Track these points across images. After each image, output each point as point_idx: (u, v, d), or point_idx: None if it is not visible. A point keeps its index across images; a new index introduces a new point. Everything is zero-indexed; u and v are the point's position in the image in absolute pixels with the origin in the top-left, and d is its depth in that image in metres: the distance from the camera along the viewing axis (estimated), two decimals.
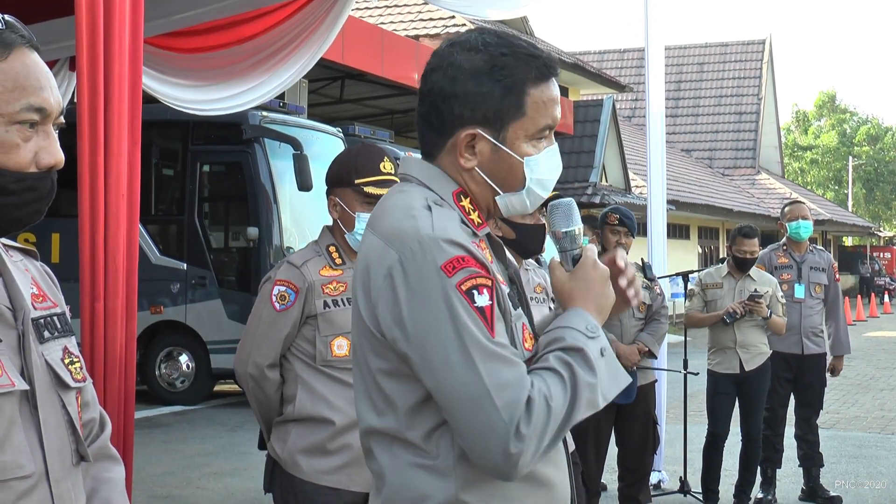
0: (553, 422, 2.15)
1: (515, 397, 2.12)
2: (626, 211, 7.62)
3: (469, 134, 2.33)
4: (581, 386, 2.18)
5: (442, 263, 2.18)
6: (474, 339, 2.15)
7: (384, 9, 26.27)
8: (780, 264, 8.97)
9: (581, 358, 2.21)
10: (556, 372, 2.19)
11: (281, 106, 14.71)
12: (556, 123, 2.39)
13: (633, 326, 7.48)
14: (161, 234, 14.76)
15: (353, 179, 4.16)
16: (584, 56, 47.69)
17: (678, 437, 8.96)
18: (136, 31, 4.37)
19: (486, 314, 2.17)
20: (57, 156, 2.08)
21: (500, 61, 2.33)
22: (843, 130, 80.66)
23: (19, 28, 2.08)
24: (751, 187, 47.94)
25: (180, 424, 13.00)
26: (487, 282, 2.20)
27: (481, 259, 2.22)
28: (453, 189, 2.36)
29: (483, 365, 2.14)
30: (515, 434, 2.11)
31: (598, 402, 2.22)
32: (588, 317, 2.29)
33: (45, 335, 2.13)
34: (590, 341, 2.24)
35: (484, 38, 2.36)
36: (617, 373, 2.28)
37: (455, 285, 2.17)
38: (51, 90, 2.08)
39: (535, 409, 2.12)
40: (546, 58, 2.38)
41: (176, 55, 7.71)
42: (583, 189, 27.30)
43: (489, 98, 2.32)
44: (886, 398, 16.04)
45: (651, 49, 8.43)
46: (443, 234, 2.21)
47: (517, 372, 2.15)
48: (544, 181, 2.38)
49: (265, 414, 4.27)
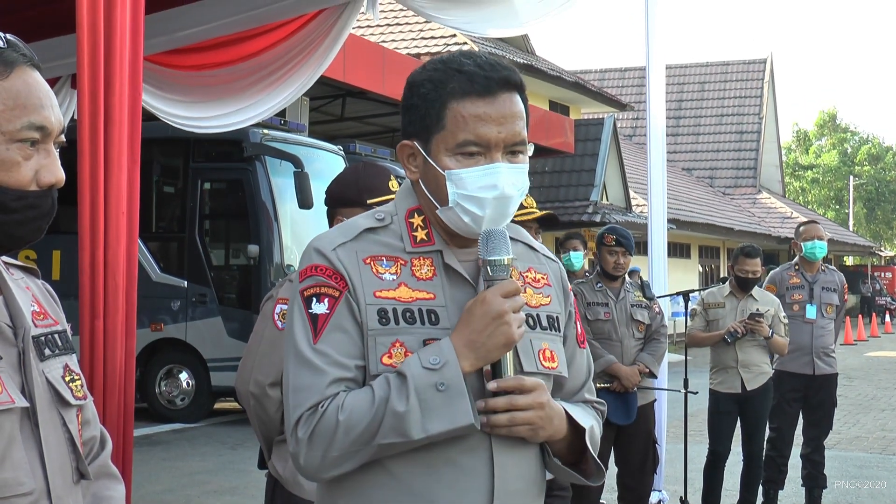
0: (344, 434, 2.22)
1: (301, 401, 2.27)
2: (623, 230, 7.59)
3: (404, 145, 2.45)
4: (388, 410, 2.21)
5: (301, 269, 2.38)
6: (295, 343, 2.32)
7: (385, 27, 26.31)
8: (791, 285, 8.94)
9: (399, 384, 2.22)
10: (371, 389, 2.25)
11: (282, 123, 14.73)
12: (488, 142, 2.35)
13: (633, 347, 7.48)
14: (162, 252, 14.77)
15: (364, 199, 4.14)
16: (586, 74, 47.76)
17: (678, 457, 8.93)
18: (136, 49, 4.37)
19: (318, 321, 2.31)
20: (58, 174, 2.08)
21: (430, 76, 2.41)
22: (844, 150, 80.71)
23: (21, 47, 2.09)
24: (752, 206, 47.96)
25: (180, 442, 12.98)
26: (333, 292, 2.32)
27: (339, 270, 2.33)
28: (409, 206, 2.46)
29: (293, 367, 2.31)
30: (292, 434, 2.27)
31: (410, 433, 2.21)
32: (445, 349, 2.27)
33: (45, 353, 2.13)
34: (422, 372, 2.23)
35: (435, 58, 2.46)
36: (455, 410, 2.23)
37: (300, 290, 2.35)
38: (52, 108, 2.09)
39: (319, 417, 2.24)
40: (473, 74, 2.36)
41: (177, 72, 7.72)
42: (584, 207, 27.30)
43: (416, 111, 2.42)
44: (888, 418, 16.01)
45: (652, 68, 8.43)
46: (317, 242, 2.39)
47: (317, 380, 2.27)
48: (476, 199, 2.35)
49: (266, 433, 4.26)
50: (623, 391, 7.34)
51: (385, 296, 2.33)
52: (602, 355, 7.28)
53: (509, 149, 2.38)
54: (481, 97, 2.35)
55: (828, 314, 8.92)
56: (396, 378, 2.23)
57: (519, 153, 2.40)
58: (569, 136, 26.43)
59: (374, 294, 2.32)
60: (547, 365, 2.46)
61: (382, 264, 2.36)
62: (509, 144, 2.37)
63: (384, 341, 2.30)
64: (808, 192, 78.73)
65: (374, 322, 2.31)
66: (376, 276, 2.34)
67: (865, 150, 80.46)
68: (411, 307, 2.33)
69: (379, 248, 2.38)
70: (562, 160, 27.89)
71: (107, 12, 4.24)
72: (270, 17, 7.58)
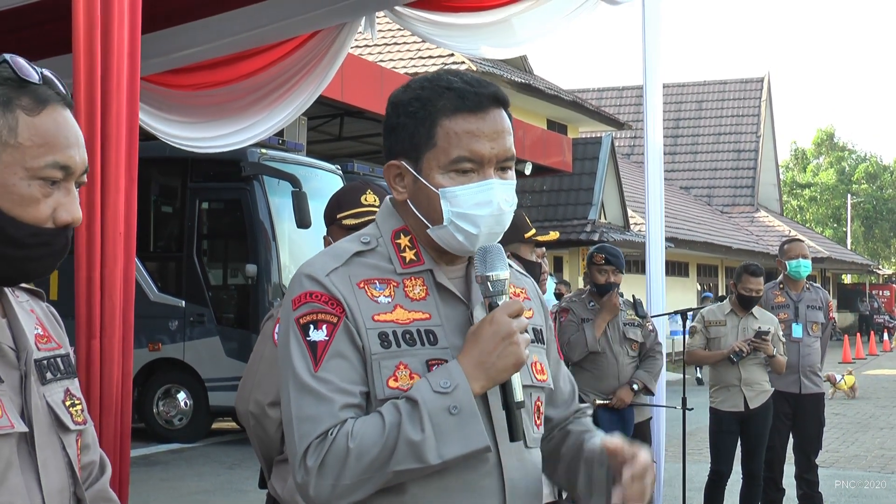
0: (355, 461, 2.18)
1: (309, 430, 2.22)
2: (612, 249, 7.61)
3: (391, 165, 2.42)
4: (401, 437, 2.18)
5: (293, 297, 2.34)
6: (293, 371, 2.28)
7: (383, 46, 26.36)
8: (777, 303, 8.95)
9: (412, 410, 2.20)
10: (380, 416, 2.22)
11: (280, 143, 14.73)
12: (482, 158, 2.35)
13: (628, 364, 7.49)
14: (159, 271, 14.76)
15: (335, 215, 4.18)
16: (583, 94, 47.81)
17: (677, 476, 8.91)
18: (133, 69, 4.38)
19: (318, 348, 2.27)
20: (75, 213, 2.09)
21: (416, 94, 2.39)
22: (842, 168, 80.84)
23: (56, 84, 2.10)
24: (749, 225, 47.98)
25: (178, 462, 12.95)
26: (331, 318, 2.29)
27: (336, 296, 2.30)
28: (395, 227, 2.43)
29: (295, 396, 2.26)
30: (300, 465, 2.22)
31: (427, 459, 2.19)
32: (455, 372, 2.25)
33: (47, 376, 2.13)
34: (434, 396, 2.21)
35: (420, 78, 2.45)
36: (469, 434, 2.22)
37: (295, 318, 2.31)
38: (77, 148, 2.09)
39: (329, 445, 2.20)
40: (463, 90, 2.36)
41: (174, 92, 7.73)
42: (581, 226, 27.31)
43: (404, 130, 2.39)
44: (886, 437, 15.99)
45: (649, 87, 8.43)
46: (307, 269, 2.35)
47: (323, 408, 2.23)
48: (471, 216, 2.34)
49: (266, 452, 4.25)
50: (621, 407, 7.34)
51: (383, 319, 2.31)
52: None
53: (500, 164, 2.38)
54: (473, 113, 2.35)
55: (813, 332, 8.92)
56: (406, 404, 2.21)
57: (508, 169, 2.40)
58: (567, 155, 26.44)
59: (373, 318, 2.31)
60: (539, 378, 2.48)
61: (376, 287, 2.34)
62: (501, 160, 2.37)
63: (388, 364, 2.28)
64: (805, 210, 78.79)
65: (377, 346, 2.29)
66: (372, 299, 2.33)
67: (863, 168, 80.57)
68: (410, 328, 2.32)
69: (370, 272, 2.36)
70: (560, 179, 27.90)
71: (104, 32, 4.24)
72: (268, 36, 7.59)
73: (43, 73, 2.08)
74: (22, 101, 2.03)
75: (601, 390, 7.36)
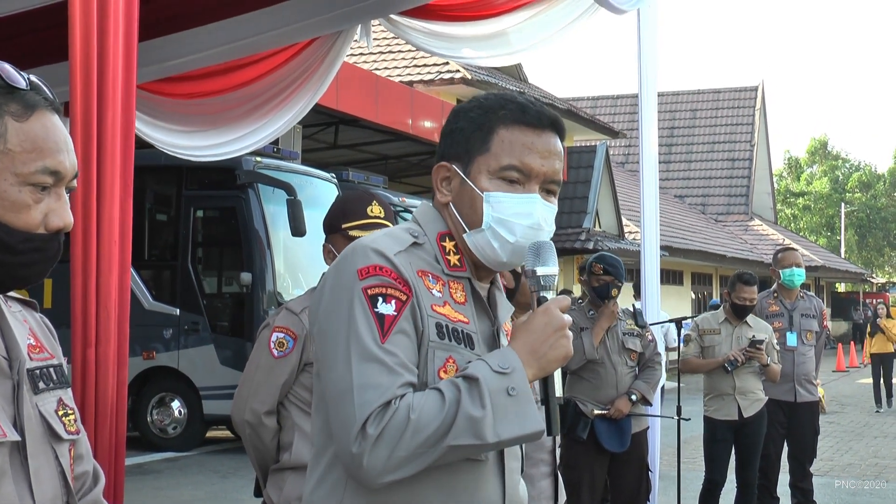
0: (413, 434, 2.16)
1: (372, 398, 2.18)
2: (611, 258, 7.53)
3: (440, 166, 2.46)
4: (461, 412, 2.18)
5: (359, 267, 2.29)
6: (359, 340, 2.23)
7: (378, 55, 26.36)
8: (771, 312, 8.95)
9: (473, 386, 2.20)
10: (439, 391, 2.21)
11: (275, 151, 14.73)
12: (530, 170, 2.40)
13: (626, 374, 7.46)
14: (154, 280, 14.75)
15: (341, 224, 4.17)
16: (578, 102, 47.87)
17: (672, 484, 8.90)
18: (129, 77, 4.37)
19: (385, 322, 2.25)
20: (66, 219, 2.09)
21: (479, 102, 2.45)
22: (836, 177, 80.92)
23: (44, 90, 2.10)
24: (744, 233, 48.00)
25: (172, 471, 12.92)
26: (400, 295, 2.27)
27: (404, 275, 2.29)
28: (440, 230, 2.45)
29: (358, 364, 2.21)
30: (360, 432, 2.16)
31: (486, 436, 2.19)
32: (510, 356, 2.27)
33: (39, 386, 2.13)
34: (493, 375, 2.22)
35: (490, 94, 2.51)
36: (526, 415, 2.23)
37: (362, 288, 2.26)
38: (67, 154, 2.09)
39: (391, 414, 2.17)
40: (526, 105, 2.42)
41: (171, 101, 7.72)
42: (576, 235, 27.31)
43: (460, 133, 2.43)
44: (880, 445, 16.00)
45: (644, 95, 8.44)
46: (374, 244, 2.33)
47: (388, 379, 2.20)
48: (509, 223, 2.38)
49: (261, 461, 4.24)
50: (618, 418, 7.33)
51: (439, 311, 2.34)
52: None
53: (546, 185, 2.43)
54: (531, 128, 2.41)
55: (808, 341, 8.94)
56: (465, 381, 2.21)
57: (552, 193, 2.45)
58: None
59: (432, 307, 2.33)
60: None
61: (430, 280, 2.36)
62: (548, 179, 2.42)
63: (441, 355, 2.31)
64: (799, 218, 78.87)
65: (434, 334, 2.31)
66: (428, 290, 2.34)
67: (857, 177, 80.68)
68: (457, 327, 2.36)
69: (425, 265, 2.38)
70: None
71: (100, 40, 4.24)
72: (264, 45, 7.59)
73: (30, 78, 2.08)
74: (10, 107, 2.03)
75: (599, 400, 7.34)
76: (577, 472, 7.23)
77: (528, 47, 7.96)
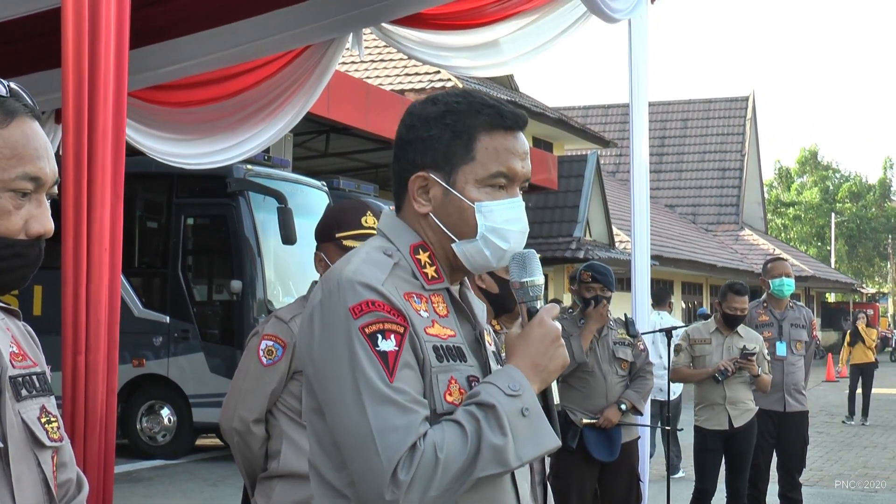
0: (442, 473, 2.14)
1: (397, 442, 2.14)
2: (600, 267, 7.52)
3: (419, 176, 2.39)
4: (484, 443, 2.17)
5: (351, 305, 2.22)
6: (368, 382, 2.17)
7: (369, 63, 26.38)
8: (760, 322, 8.97)
9: (491, 415, 2.19)
10: (460, 425, 2.19)
11: (266, 159, 14.71)
12: (515, 175, 2.39)
13: (617, 383, 7.44)
14: (144, 287, 14.72)
15: (334, 234, 4.17)
16: (569, 111, 47.89)
17: (661, 493, 8.91)
18: (120, 84, 4.37)
19: (389, 359, 2.20)
20: (47, 225, 2.10)
21: (452, 107, 2.39)
22: (826, 187, 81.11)
23: (23, 96, 2.11)
24: (734, 243, 48.06)
25: (161, 479, 12.89)
26: (398, 328, 2.23)
27: (398, 307, 2.24)
28: (412, 242, 2.40)
29: (372, 408, 2.16)
30: (392, 480, 2.12)
31: (509, 461, 2.19)
32: (516, 375, 2.26)
33: (22, 393, 2.13)
34: (507, 399, 2.21)
35: (449, 92, 2.44)
36: (542, 433, 2.24)
37: (359, 327, 2.20)
38: (47, 160, 2.10)
39: (420, 456, 2.13)
40: (501, 108, 2.40)
41: (163, 109, 7.72)
42: (567, 244, 27.33)
43: (438, 142, 2.37)
44: (869, 455, 16.02)
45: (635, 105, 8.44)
46: (361, 277, 2.25)
47: (407, 419, 2.16)
48: (502, 231, 2.37)
49: (250, 469, 4.24)
50: (608, 427, 7.32)
51: (431, 333, 2.31)
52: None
53: (522, 185, 2.44)
54: (510, 132, 2.39)
55: (797, 350, 8.95)
56: (480, 409, 2.20)
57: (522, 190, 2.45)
58: (552, 173, 26.49)
59: (424, 331, 2.30)
60: None
61: (415, 301, 2.32)
62: (524, 179, 2.43)
63: (444, 378, 2.28)
64: (790, 228, 79.01)
65: (433, 359, 2.28)
66: (417, 313, 2.30)
67: (847, 187, 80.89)
68: (448, 344, 2.33)
69: (408, 285, 2.33)
70: (545, 196, 27.92)
71: (91, 47, 4.24)
72: (256, 53, 7.59)
73: (10, 85, 2.09)
74: None
75: (589, 409, 7.33)
76: (566, 481, 7.21)
77: (519, 56, 7.96)
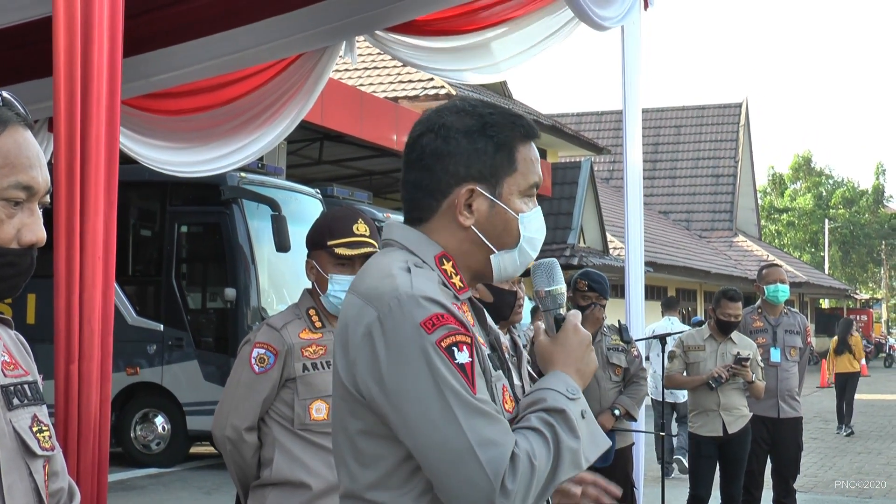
0: (537, 481, 2.15)
1: (500, 453, 2.12)
2: (596, 275, 7.53)
3: (468, 189, 2.36)
4: (563, 447, 2.19)
5: (421, 320, 2.18)
6: (456, 395, 2.14)
7: (363, 70, 26.38)
8: (755, 328, 8.98)
9: (563, 419, 2.22)
10: (539, 432, 2.19)
11: (259, 167, 14.69)
12: (541, 183, 2.45)
13: (610, 389, 7.45)
14: (138, 295, 14.69)
15: (326, 241, 4.17)
16: (562, 118, 47.91)
17: (656, 500, 8.91)
18: (113, 93, 4.36)
19: (468, 371, 2.17)
20: (39, 234, 2.09)
21: (490, 120, 2.39)
22: (819, 193, 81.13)
23: (16, 105, 2.11)
24: (728, 249, 48.09)
25: (156, 487, 12.87)
26: (467, 339, 2.20)
27: (460, 318, 2.23)
28: (435, 252, 2.37)
29: (466, 421, 2.13)
30: (501, 490, 2.11)
31: (581, 464, 2.23)
32: (568, 379, 2.30)
33: (14, 402, 2.12)
34: (571, 403, 2.25)
35: (468, 102, 2.44)
36: (596, 435, 2.29)
37: (435, 342, 2.17)
38: (40, 169, 2.10)
39: (520, 465, 2.13)
40: (529, 120, 2.45)
41: (156, 117, 7.71)
42: (561, 251, 27.32)
43: (483, 154, 2.37)
44: (864, 461, 16.02)
45: (629, 111, 8.45)
46: (421, 292, 2.22)
47: (501, 428, 2.16)
48: (534, 241, 2.43)
49: (242, 477, 4.23)
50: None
51: (481, 341, 2.33)
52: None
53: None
54: (533, 142, 2.46)
55: (791, 357, 8.97)
56: (551, 415, 2.23)
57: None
58: (546, 180, 26.50)
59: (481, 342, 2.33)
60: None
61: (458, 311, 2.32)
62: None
63: (499, 386, 2.30)
64: (783, 235, 79.02)
65: (491, 368, 2.30)
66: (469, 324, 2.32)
67: (840, 193, 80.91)
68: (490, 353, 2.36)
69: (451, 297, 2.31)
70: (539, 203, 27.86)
71: (84, 55, 4.23)
72: (250, 61, 7.59)
73: (2, 94, 2.09)
74: None
75: None
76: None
77: (510, 58, 7.97)
